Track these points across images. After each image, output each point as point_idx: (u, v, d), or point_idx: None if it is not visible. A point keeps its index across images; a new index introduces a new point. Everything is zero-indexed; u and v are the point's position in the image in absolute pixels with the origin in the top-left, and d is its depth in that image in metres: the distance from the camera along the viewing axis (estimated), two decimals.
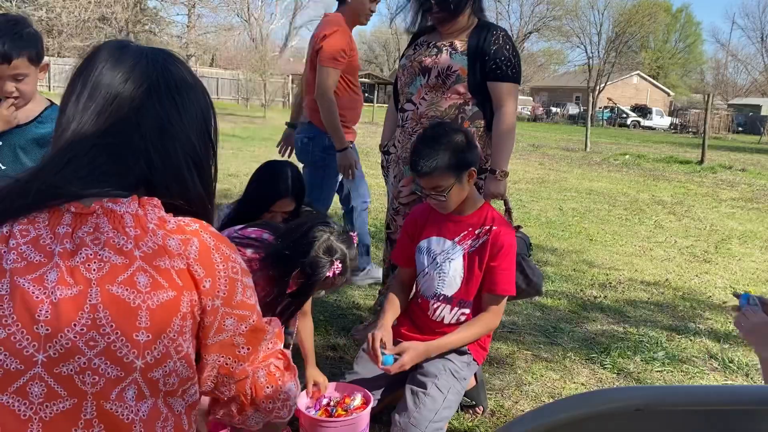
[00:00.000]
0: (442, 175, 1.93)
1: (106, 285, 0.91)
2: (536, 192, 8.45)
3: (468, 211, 2.08)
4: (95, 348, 0.90)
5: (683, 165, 13.55)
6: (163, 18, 36.65)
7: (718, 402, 0.64)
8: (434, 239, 2.10)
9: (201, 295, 0.96)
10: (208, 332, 0.98)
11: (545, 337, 3.29)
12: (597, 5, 46.04)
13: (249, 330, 1.02)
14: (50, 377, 0.89)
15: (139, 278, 0.92)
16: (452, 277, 2.06)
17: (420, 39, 2.61)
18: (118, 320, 0.90)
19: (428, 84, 2.49)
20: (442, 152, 1.92)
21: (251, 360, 1.04)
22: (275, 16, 43.35)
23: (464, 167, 1.96)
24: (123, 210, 0.94)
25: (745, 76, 55.88)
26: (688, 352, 3.21)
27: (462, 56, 2.45)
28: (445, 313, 2.09)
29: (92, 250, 0.92)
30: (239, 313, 1.00)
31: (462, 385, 2.05)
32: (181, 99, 1.00)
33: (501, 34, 2.47)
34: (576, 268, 4.66)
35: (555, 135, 23.34)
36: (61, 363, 0.89)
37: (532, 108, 42.53)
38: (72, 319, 0.89)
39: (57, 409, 0.89)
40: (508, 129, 2.47)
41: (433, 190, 1.97)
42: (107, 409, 0.90)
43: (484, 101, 2.48)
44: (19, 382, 0.88)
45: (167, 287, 0.93)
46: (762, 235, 6.42)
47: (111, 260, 0.92)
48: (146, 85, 0.97)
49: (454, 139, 1.96)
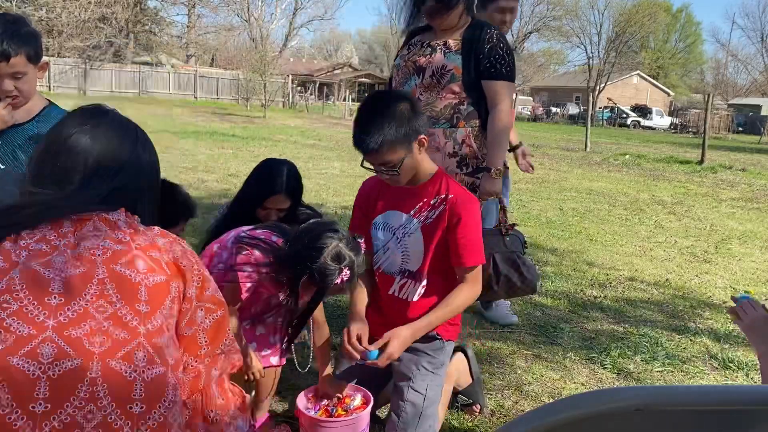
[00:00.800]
0: (391, 149, 1.79)
1: (110, 264, 1.07)
2: (536, 192, 8.45)
3: (421, 179, 1.94)
4: (104, 313, 1.04)
5: (683, 165, 13.55)
6: (163, 18, 36.72)
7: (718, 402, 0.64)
8: (390, 213, 1.99)
9: (186, 284, 1.14)
10: (182, 320, 1.14)
11: (545, 337, 3.29)
12: (597, 5, 46.05)
13: (213, 323, 1.18)
14: (60, 338, 1.01)
15: (137, 262, 1.09)
16: (414, 251, 1.96)
17: (414, 39, 2.61)
18: (122, 292, 1.06)
19: (423, 83, 2.48)
20: (387, 125, 1.77)
21: (207, 362, 1.19)
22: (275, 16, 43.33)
23: (413, 136, 1.82)
24: (115, 218, 1.13)
25: (745, 76, 55.90)
26: (688, 352, 3.21)
27: (456, 55, 2.45)
28: (410, 289, 2.00)
29: (94, 241, 1.08)
30: (208, 306, 1.18)
31: (440, 373, 2.00)
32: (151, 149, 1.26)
33: (494, 32, 2.46)
34: (576, 268, 4.65)
35: (555, 135, 23.34)
36: (71, 328, 1.02)
37: (532, 108, 42.52)
38: (81, 290, 1.04)
39: (65, 367, 1.00)
40: (503, 127, 2.46)
41: (383, 165, 1.84)
42: (112, 367, 1.02)
43: (479, 100, 2.48)
44: (30, 345, 0.99)
45: (159, 272, 1.11)
46: (762, 235, 6.42)
47: (112, 248, 1.09)
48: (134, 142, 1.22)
49: (398, 108, 1.80)
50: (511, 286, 2.36)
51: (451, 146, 2.48)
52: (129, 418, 1.02)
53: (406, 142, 1.80)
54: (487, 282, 2.36)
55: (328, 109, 31.68)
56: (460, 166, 2.50)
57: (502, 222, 2.44)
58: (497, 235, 2.40)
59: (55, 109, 2.07)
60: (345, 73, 42.93)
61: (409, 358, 1.96)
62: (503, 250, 2.38)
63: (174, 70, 32.82)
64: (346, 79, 40.39)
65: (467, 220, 1.90)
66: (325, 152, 11.68)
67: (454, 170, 2.48)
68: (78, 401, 0.99)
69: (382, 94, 1.94)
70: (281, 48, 42.16)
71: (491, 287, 2.36)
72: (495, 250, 2.36)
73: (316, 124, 20.99)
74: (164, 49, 36.14)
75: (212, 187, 6.93)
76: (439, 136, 2.47)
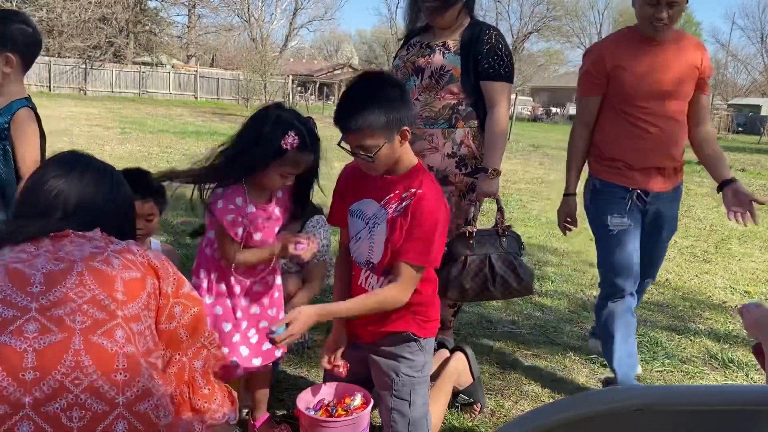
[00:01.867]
0: (371, 133, 1.70)
1: (88, 262, 1.19)
2: (536, 192, 8.45)
3: (399, 171, 1.86)
4: (83, 297, 1.15)
5: None
6: (164, 18, 36.69)
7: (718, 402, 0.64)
8: (365, 201, 1.91)
9: (161, 280, 1.25)
10: (161, 315, 1.25)
11: (545, 337, 3.29)
12: (597, 5, 46.10)
13: (192, 319, 1.29)
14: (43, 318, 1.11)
15: (113, 260, 1.21)
16: (378, 243, 1.87)
17: (413, 40, 2.60)
18: (99, 282, 1.17)
19: (422, 84, 2.48)
20: (371, 107, 1.68)
21: (189, 355, 1.30)
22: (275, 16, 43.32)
23: (396, 126, 1.73)
24: (91, 234, 1.26)
25: (745, 76, 55.85)
26: (688, 352, 3.21)
27: (455, 56, 2.45)
28: (373, 282, 1.91)
29: (71, 247, 1.21)
30: (185, 303, 1.28)
31: (424, 373, 1.94)
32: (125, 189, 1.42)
33: (493, 33, 2.46)
34: (576, 268, 4.65)
35: (555, 135, 23.33)
36: (53, 309, 1.12)
37: (532, 108, 42.50)
38: (61, 281, 1.15)
39: (49, 341, 1.10)
40: (500, 128, 2.46)
41: (360, 148, 1.74)
42: (94, 341, 1.12)
43: (478, 101, 2.47)
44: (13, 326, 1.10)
45: (134, 269, 1.23)
46: (762, 235, 6.42)
47: (89, 251, 1.21)
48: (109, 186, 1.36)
49: (387, 93, 1.72)
50: (507, 287, 2.36)
51: (450, 147, 2.48)
52: (114, 384, 1.11)
53: (388, 130, 1.71)
54: (483, 283, 2.35)
55: (328, 110, 31.63)
56: (459, 166, 2.49)
57: (499, 223, 2.44)
58: (494, 236, 2.40)
59: (20, 102, 2.03)
60: (345, 73, 42.89)
61: (387, 365, 1.91)
62: (500, 251, 2.37)
63: (174, 71, 32.81)
64: (346, 79, 40.25)
65: (427, 218, 1.78)
66: (325, 152, 11.66)
67: (453, 170, 2.48)
68: (65, 368, 1.09)
69: (375, 75, 1.85)
70: (281, 48, 42.16)
71: (488, 288, 2.35)
72: (491, 251, 2.35)
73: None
74: (164, 49, 36.13)
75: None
76: (437, 136, 2.47)
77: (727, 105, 44.03)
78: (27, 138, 2.00)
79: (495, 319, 3.50)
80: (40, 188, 1.29)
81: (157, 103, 26.85)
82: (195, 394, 1.29)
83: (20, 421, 1.04)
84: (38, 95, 3.41)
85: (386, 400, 1.91)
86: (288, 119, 1.84)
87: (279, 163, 1.84)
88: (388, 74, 1.90)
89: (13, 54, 2.01)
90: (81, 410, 1.07)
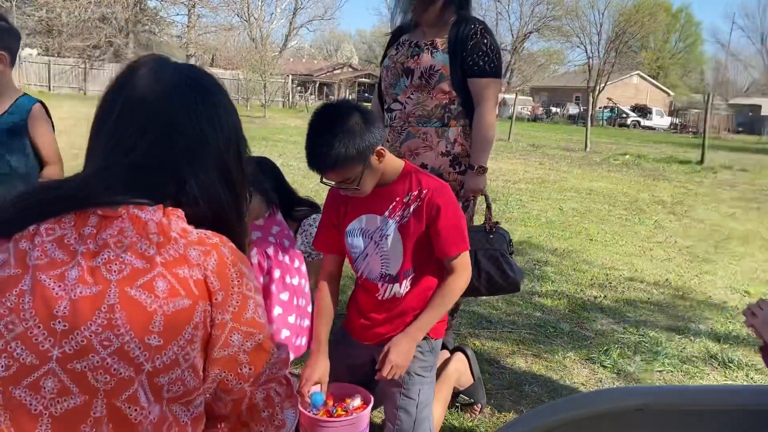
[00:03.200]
0: (347, 167, 1.72)
1: (125, 287, 0.93)
2: (536, 192, 8.45)
3: (390, 179, 1.87)
4: (109, 348, 0.92)
5: (683, 165, 13.55)
6: (163, 18, 36.71)
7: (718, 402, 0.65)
8: (365, 217, 1.91)
9: (213, 307, 0.98)
10: (214, 345, 0.99)
11: (545, 337, 3.29)
12: (597, 5, 46.00)
13: (254, 347, 1.02)
14: (64, 373, 0.91)
15: (158, 283, 0.94)
16: (392, 253, 1.89)
17: (402, 38, 2.59)
18: (132, 322, 0.92)
19: (412, 84, 2.47)
20: (338, 142, 1.69)
21: (252, 381, 1.05)
22: (275, 16, 43.31)
23: (368, 151, 1.74)
24: (147, 217, 0.96)
25: (745, 76, 55.90)
26: (688, 352, 3.21)
27: (443, 54, 2.43)
28: (396, 290, 1.92)
29: (114, 252, 0.94)
30: (246, 330, 1.01)
31: (431, 374, 1.96)
32: (217, 118, 1.02)
33: (479, 27, 2.44)
34: (576, 268, 4.65)
35: (555, 135, 23.34)
36: (75, 360, 0.91)
37: (532, 108, 42.48)
38: (89, 318, 0.91)
39: (68, 405, 0.90)
40: (487, 124, 2.44)
41: (343, 183, 1.78)
42: (118, 407, 0.92)
43: (467, 98, 2.46)
44: (32, 377, 0.90)
45: (184, 295, 0.95)
46: (762, 235, 6.42)
47: (132, 264, 0.94)
48: (185, 105, 1.00)
49: (348, 124, 1.72)
50: (493, 284, 2.35)
51: (444, 145, 2.47)
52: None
53: (362, 157, 1.73)
54: None
55: None
56: (453, 165, 2.49)
57: (487, 220, 2.44)
58: (481, 232, 2.39)
59: (25, 98, 2.14)
60: (345, 73, 42.91)
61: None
62: (486, 247, 2.36)
63: None
64: (346, 79, 40.37)
65: (446, 210, 1.84)
66: None
67: (447, 169, 2.48)
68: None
69: (329, 109, 1.82)
70: (281, 48, 42.15)
71: (472, 284, 2.35)
72: (477, 247, 2.35)
73: None
74: (164, 48, 36.11)
75: None
76: (431, 135, 2.47)
77: (727, 105, 44.04)
78: (45, 131, 2.18)
79: (495, 319, 3.50)
80: (126, 96, 0.99)
81: None
82: (252, 418, 1.09)
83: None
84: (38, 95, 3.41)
85: (394, 399, 1.91)
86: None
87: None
88: (344, 104, 1.86)
89: (4, 51, 2.07)
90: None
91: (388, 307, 1.95)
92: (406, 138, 2.48)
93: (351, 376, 1.98)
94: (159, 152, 0.98)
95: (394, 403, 1.91)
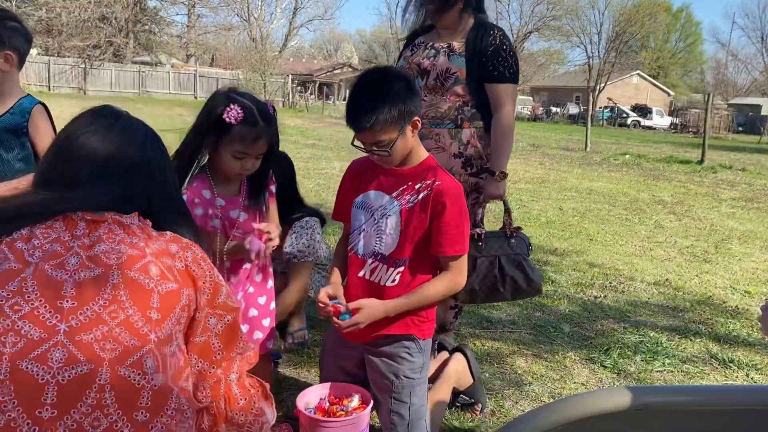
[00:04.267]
0: (384, 128, 1.74)
1: (125, 270, 1.06)
2: (536, 192, 8.45)
3: (411, 163, 1.89)
4: (116, 319, 1.03)
5: (683, 165, 13.55)
6: (163, 18, 36.70)
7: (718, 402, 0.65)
8: (372, 193, 1.91)
9: (197, 291, 1.14)
10: (196, 329, 1.15)
11: (545, 337, 3.29)
12: (597, 5, 45.97)
13: (225, 328, 1.18)
14: (71, 344, 1.00)
15: (151, 268, 1.09)
16: (389, 234, 1.87)
17: (417, 40, 2.59)
18: (135, 299, 1.06)
19: (427, 86, 2.48)
20: (382, 103, 1.72)
21: (224, 366, 1.19)
22: (275, 16, 43.30)
23: (407, 117, 1.77)
24: (129, 221, 1.13)
25: (745, 76, 55.86)
26: (688, 352, 3.21)
27: (460, 58, 2.44)
28: (382, 274, 1.90)
29: (109, 245, 1.08)
30: (220, 312, 1.17)
31: (423, 375, 1.94)
32: (162, 148, 1.26)
33: (498, 34, 2.45)
34: (576, 268, 4.65)
35: (555, 135, 23.34)
36: (83, 333, 1.01)
37: (532, 108, 42.49)
38: (94, 296, 1.03)
39: (72, 374, 0.99)
40: (506, 130, 2.46)
41: (375, 145, 1.79)
42: (121, 374, 1.01)
43: (483, 102, 2.47)
44: (40, 349, 0.99)
45: (171, 280, 1.10)
46: (762, 235, 6.42)
47: (127, 252, 1.09)
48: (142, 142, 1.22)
49: (394, 87, 1.75)
50: (517, 288, 2.36)
51: (457, 147, 2.48)
52: (134, 426, 1.02)
53: (400, 122, 1.75)
54: (492, 284, 2.35)
55: (328, 109, 31.67)
56: (465, 166, 2.49)
57: (507, 225, 2.44)
58: (502, 237, 2.40)
59: (28, 98, 2.16)
60: (345, 72, 42.91)
61: (387, 368, 1.90)
62: (509, 252, 2.37)
63: (174, 70, 32.82)
64: (346, 78, 40.36)
65: (451, 209, 1.83)
66: (325, 152, 11.69)
67: (459, 171, 2.48)
68: (85, 407, 0.99)
69: (379, 71, 1.87)
70: (281, 48, 42.16)
71: (497, 289, 2.35)
72: (500, 253, 2.36)
73: (316, 124, 20.99)
74: (164, 48, 36.14)
75: None
76: (444, 136, 2.47)
77: (727, 105, 44.03)
78: (45, 133, 2.17)
79: (495, 319, 3.50)
80: (71, 146, 1.16)
81: (157, 102, 26.84)
82: (232, 408, 1.21)
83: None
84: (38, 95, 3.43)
85: (386, 403, 1.90)
86: (231, 95, 1.86)
87: (227, 141, 1.84)
88: (392, 68, 1.92)
89: (11, 51, 2.08)
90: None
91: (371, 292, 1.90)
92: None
93: (345, 377, 1.98)
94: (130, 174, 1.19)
95: (387, 408, 1.90)
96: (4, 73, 2.09)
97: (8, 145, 2.12)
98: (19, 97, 2.14)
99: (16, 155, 2.13)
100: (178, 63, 35.93)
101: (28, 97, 2.17)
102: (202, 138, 1.85)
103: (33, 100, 2.17)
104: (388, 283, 1.89)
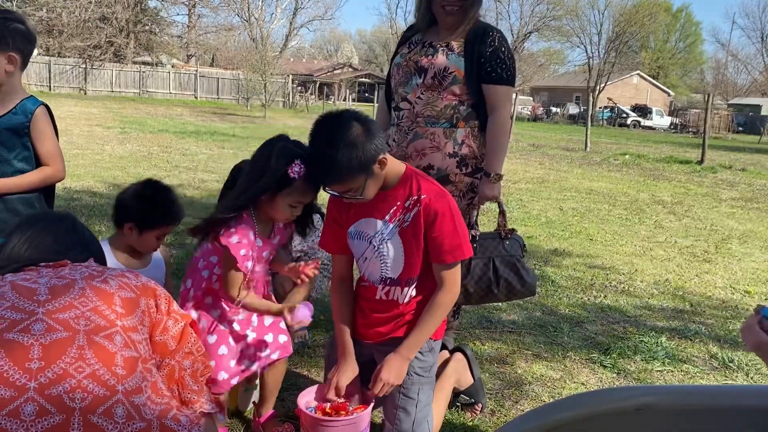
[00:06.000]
0: (349, 179, 1.74)
1: (88, 280, 1.30)
2: (536, 192, 8.45)
3: (391, 183, 1.87)
4: (86, 306, 1.24)
5: (683, 165, 13.55)
6: (164, 18, 36.67)
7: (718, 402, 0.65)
8: (363, 221, 1.91)
9: (157, 299, 1.40)
10: (156, 329, 1.38)
11: (545, 337, 3.29)
12: (597, 5, 46.00)
13: (179, 331, 1.43)
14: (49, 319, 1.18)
15: (110, 281, 1.33)
16: (393, 258, 1.89)
17: (414, 37, 2.59)
18: (100, 296, 1.27)
19: (424, 84, 2.47)
20: (341, 155, 1.68)
21: (177, 358, 1.41)
22: (275, 16, 43.30)
23: (371, 161, 1.73)
24: (87, 264, 1.39)
25: (745, 76, 55.85)
26: (688, 352, 3.21)
27: (458, 57, 2.44)
28: (397, 295, 1.94)
29: (73, 274, 1.32)
30: (176, 317, 1.44)
31: (431, 374, 1.98)
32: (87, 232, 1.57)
33: (497, 35, 2.45)
34: (576, 268, 4.66)
35: (555, 135, 23.33)
36: (58, 313, 1.20)
37: (532, 108, 42.46)
38: (65, 292, 1.25)
39: (53, 338, 1.16)
40: (502, 132, 2.46)
41: (345, 192, 1.80)
42: (96, 341, 1.19)
43: (479, 102, 2.47)
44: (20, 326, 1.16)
45: (128, 290, 1.34)
46: (762, 235, 6.42)
47: (89, 272, 1.33)
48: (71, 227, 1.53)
49: (350, 136, 1.70)
50: (511, 290, 2.37)
51: (451, 146, 2.47)
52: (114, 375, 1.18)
53: (365, 168, 1.73)
54: (487, 286, 2.36)
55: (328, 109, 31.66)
56: (460, 166, 2.49)
57: (501, 226, 2.44)
58: (497, 239, 2.40)
59: (30, 100, 2.17)
60: (345, 73, 42.92)
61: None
62: (503, 254, 2.38)
63: (174, 70, 32.81)
64: (346, 79, 40.37)
65: (443, 217, 1.83)
66: None
67: (453, 170, 2.48)
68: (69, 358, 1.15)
69: (333, 119, 1.78)
70: (281, 48, 42.14)
71: (492, 291, 2.36)
72: (495, 254, 2.36)
73: None
74: (165, 48, 36.10)
75: (212, 187, 6.93)
76: (439, 135, 2.47)
77: (727, 105, 44.02)
78: (46, 135, 2.19)
79: (495, 319, 3.50)
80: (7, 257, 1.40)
81: (157, 102, 26.84)
82: (184, 390, 1.40)
83: (24, 404, 1.07)
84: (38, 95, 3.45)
85: (394, 398, 1.91)
86: (293, 148, 1.84)
87: (287, 193, 1.84)
88: (346, 113, 1.82)
89: (15, 53, 2.08)
90: (83, 393, 1.12)
91: (388, 307, 1.96)
92: (413, 138, 2.48)
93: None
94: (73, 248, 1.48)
95: (394, 402, 1.92)
96: (8, 74, 2.10)
97: (10, 144, 2.12)
98: (21, 98, 2.15)
99: (17, 155, 2.14)
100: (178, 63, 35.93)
101: (31, 98, 2.17)
102: (263, 191, 1.84)
103: (36, 101, 2.17)
104: (405, 300, 1.94)
